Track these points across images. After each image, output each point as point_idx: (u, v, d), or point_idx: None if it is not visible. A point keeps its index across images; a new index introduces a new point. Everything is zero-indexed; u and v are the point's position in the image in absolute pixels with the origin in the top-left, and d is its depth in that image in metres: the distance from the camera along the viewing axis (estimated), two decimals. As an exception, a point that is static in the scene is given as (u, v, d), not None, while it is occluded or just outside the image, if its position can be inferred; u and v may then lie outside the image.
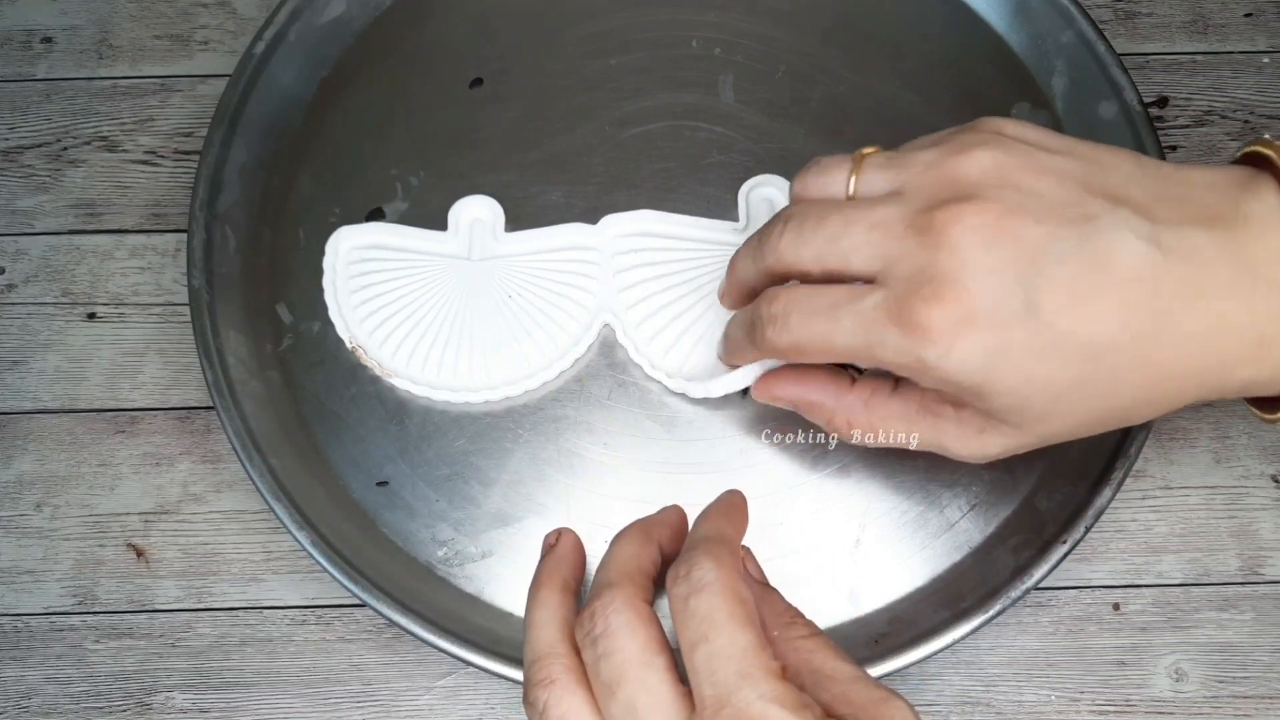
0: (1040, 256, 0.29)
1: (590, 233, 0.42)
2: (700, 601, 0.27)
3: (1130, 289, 0.29)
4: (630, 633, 0.28)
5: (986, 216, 0.29)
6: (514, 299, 0.41)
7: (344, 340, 0.41)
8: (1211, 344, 0.29)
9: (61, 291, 0.44)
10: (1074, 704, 0.39)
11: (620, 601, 0.28)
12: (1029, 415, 0.30)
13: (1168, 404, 0.31)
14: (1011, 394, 0.30)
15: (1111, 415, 0.31)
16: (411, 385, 0.40)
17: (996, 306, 0.29)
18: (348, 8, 0.45)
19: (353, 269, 0.41)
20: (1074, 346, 0.29)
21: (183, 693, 0.39)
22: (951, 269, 0.29)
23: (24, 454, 0.42)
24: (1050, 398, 0.30)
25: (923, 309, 0.29)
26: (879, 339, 0.30)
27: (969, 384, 0.30)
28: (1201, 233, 0.29)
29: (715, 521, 0.32)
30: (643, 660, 0.27)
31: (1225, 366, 0.29)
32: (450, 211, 0.42)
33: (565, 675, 0.29)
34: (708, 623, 0.27)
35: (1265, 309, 0.29)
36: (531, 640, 0.30)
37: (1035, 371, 0.29)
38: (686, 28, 0.45)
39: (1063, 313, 0.29)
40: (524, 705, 0.29)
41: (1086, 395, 0.30)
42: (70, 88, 0.48)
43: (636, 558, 0.31)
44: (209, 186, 0.42)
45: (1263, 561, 0.41)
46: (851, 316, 0.30)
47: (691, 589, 0.28)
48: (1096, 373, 0.29)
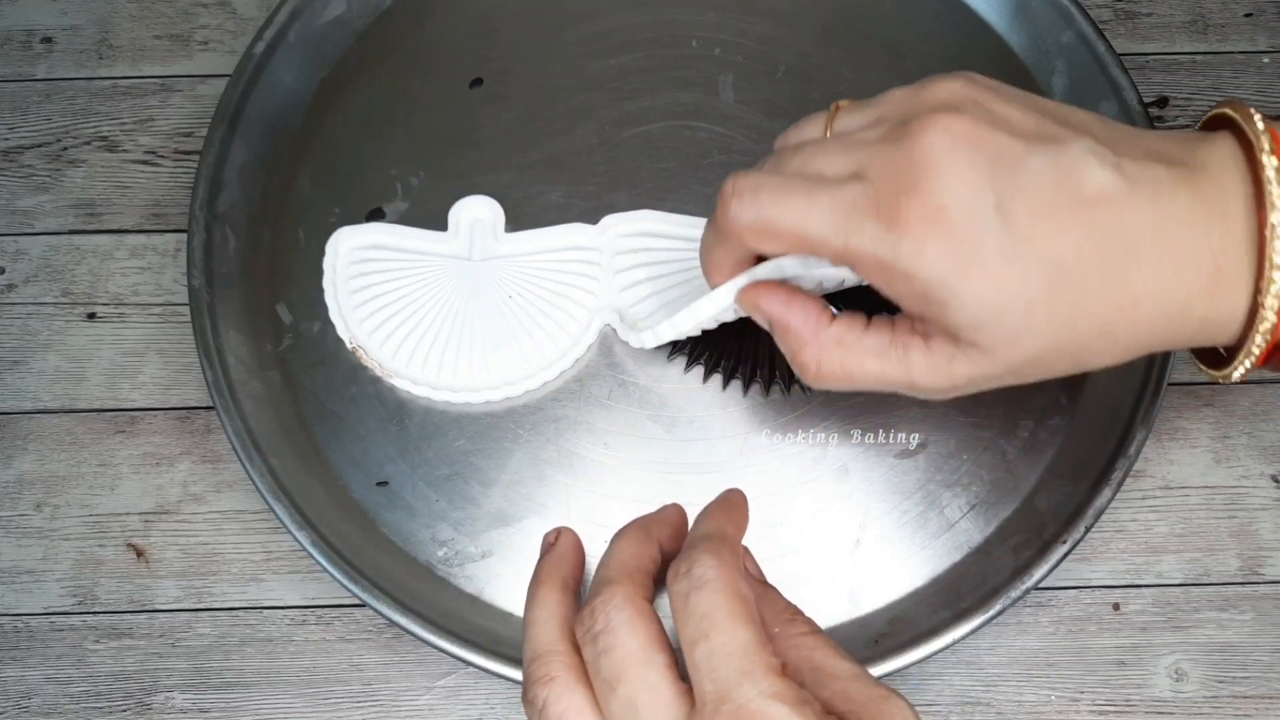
0: (1012, 165, 0.29)
1: (591, 233, 0.42)
2: (701, 599, 0.27)
3: (1096, 211, 0.29)
4: (631, 630, 0.28)
5: (960, 124, 0.29)
6: (514, 299, 0.41)
7: (344, 341, 0.41)
8: (1172, 274, 0.29)
9: (61, 291, 0.44)
10: (1074, 704, 0.39)
11: (621, 598, 0.29)
12: (998, 335, 0.30)
13: (1128, 339, 0.30)
14: (980, 305, 0.29)
15: (1075, 344, 0.30)
16: (412, 385, 0.40)
17: (970, 206, 0.29)
18: (348, 8, 0.45)
19: (353, 269, 0.41)
20: (1043, 256, 0.29)
21: (183, 693, 0.39)
22: (928, 164, 0.29)
23: (24, 454, 0.42)
24: (1020, 312, 0.29)
25: (901, 199, 0.29)
26: (857, 226, 0.29)
27: (938, 287, 0.29)
28: (1161, 168, 0.29)
29: (716, 520, 0.32)
30: (643, 657, 0.27)
31: (1183, 299, 0.30)
32: (450, 212, 0.42)
33: (565, 673, 0.29)
34: (709, 620, 0.27)
35: (1220, 241, 0.29)
36: (531, 638, 0.30)
37: (1005, 280, 0.29)
38: (686, 28, 0.45)
39: (1032, 221, 0.29)
40: (523, 703, 0.29)
41: (1053, 316, 0.30)
42: (70, 88, 0.48)
43: (637, 556, 0.31)
44: (209, 186, 0.42)
45: (1263, 561, 0.41)
46: (830, 200, 0.30)
47: (692, 586, 0.28)
48: (1064, 289, 0.29)
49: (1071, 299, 0.29)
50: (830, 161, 0.31)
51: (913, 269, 0.29)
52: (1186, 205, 0.29)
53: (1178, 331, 0.30)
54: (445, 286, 0.41)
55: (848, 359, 0.32)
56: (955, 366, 0.31)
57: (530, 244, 0.42)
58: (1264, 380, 0.43)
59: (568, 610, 0.31)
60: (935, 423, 0.40)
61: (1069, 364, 0.31)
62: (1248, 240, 0.29)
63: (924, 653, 0.36)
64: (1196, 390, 0.43)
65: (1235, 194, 0.29)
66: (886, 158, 0.30)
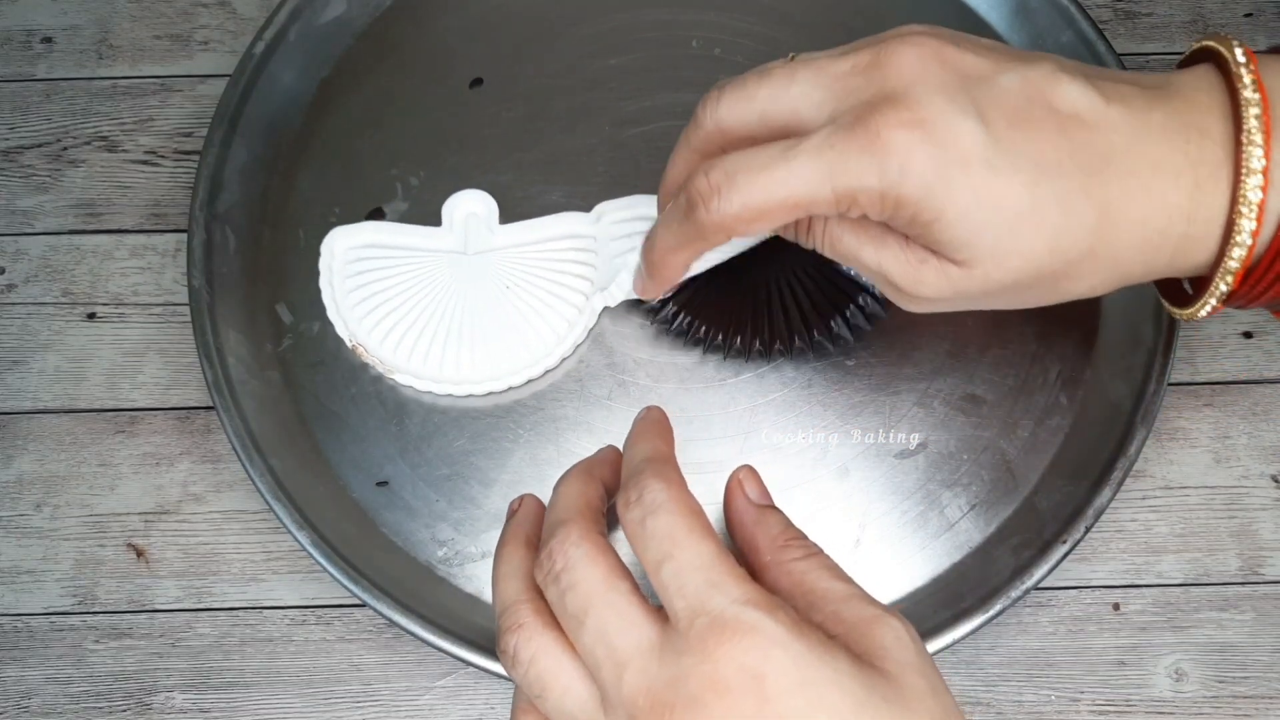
0: (983, 80, 0.29)
1: (585, 221, 0.42)
2: (658, 521, 0.27)
3: (1072, 125, 0.29)
4: (590, 562, 0.28)
5: (930, 46, 0.30)
6: (512, 289, 0.41)
7: (344, 339, 0.41)
8: (1151, 187, 0.29)
9: (61, 291, 0.44)
10: (1074, 704, 0.39)
11: (576, 535, 0.28)
12: (983, 250, 0.29)
13: (1110, 263, 0.30)
14: (965, 218, 0.29)
15: (1059, 265, 0.30)
16: (414, 380, 0.40)
17: (949, 116, 0.29)
18: (348, 8, 0.45)
19: (349, 269, 0.41)
20: (1025, 162, 0.29)
21: (183, 693, 0.39)
22: (901, 86, 0.29)
23: (24, 454, 0.42)
24: (1005, 224, 0.29)
25: (879, 120, 0.29)
26: (840, 163, 0.29)
27: (925, 203, 0.29)
28: (1133, 88, 0.30)
29: (649, 442, 0.31)
30: (607, 585, 0.27)
31: (1163, 217, 0.29)
32: (444, 207, 0.42)
33: (532, 618, 0.29)
34: (669, 540, 0.27)
35: (1198, 153, 0.29)
36: (498, 594, 0.30)
37: (990, 187, 0.29)
38: (686, 28, 0.45)
39: (1012, 130, 0.29)
40: (499, 657, 0.29)
41: (1038, 228, 0.29)
42: (70, 88, 0.48)
43: (583, 494, 0.31)
44: (209, 186, 0.42)
45: (1263, 561, 0.41)
46: (805, 153, 0.29)
47: (646, 511, 0.28)
48: (1048, 200, 0.29)
49: (1055, 208, 0.29)
50: (805, 93, 0.30)
51: (903, 191, 0.29)
52: (1161, 120, 0.29)
53: (1157, 252, 0.30)
54: (442, 280, 0.41)
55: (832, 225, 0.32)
56: (926, 270, 0.31)
57: (525, 235, 0.42)
58: (1264, 380, 0.43)
59: (532, 564, 0.30)
60: (935, 423, 0.40)
61: (1048, 288, 0.31)
62: (1225, 153, 0.29)
63: (924, 653, 0.36)
64: (1196, 390, 0.43)
65: (1211, 110, 0.29)
66: (858, 87, 0.30)
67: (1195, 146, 0.29)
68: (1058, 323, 0.41)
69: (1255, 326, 0.43)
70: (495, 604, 0.30)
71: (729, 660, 0.25)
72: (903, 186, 0.29)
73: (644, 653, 0.26)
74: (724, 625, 0.25)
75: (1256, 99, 0.28)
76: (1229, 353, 0.43)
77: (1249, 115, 0.28)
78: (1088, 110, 0.29)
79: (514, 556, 0.31)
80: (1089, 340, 0.41)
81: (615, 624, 0.27)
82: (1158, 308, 0.40)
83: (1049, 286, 0.31)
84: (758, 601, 0.26)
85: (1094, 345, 0.41)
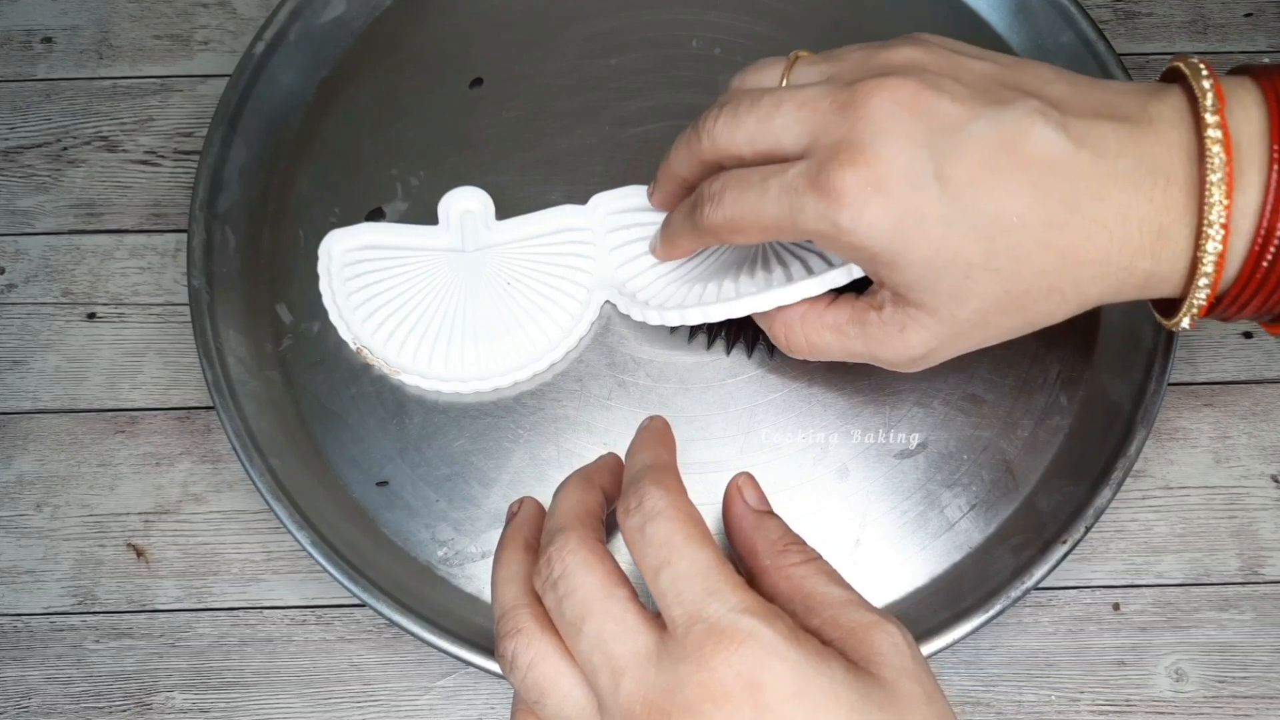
0: (952, 130, 0.30)
1: (581, 213, 0.42)
2: (656, 528, 0.28)
3: (1039, 171, 0.29)
4: (588, 569, 0.28)
5: (904, 90, 0.30)
6: (513, 285, 0.41)
7: (348, 342, 0.41)
8: (1115, 232, 0.30)
9: (61, 291, 0.44)
10: (1074, 704, 0.39)
11: (574, 542, 0.29)
12: (941, 294, 0.31)
13: (1075, 296, 0.31)
14: (922, 264, 0.30)
15: (1022, 304, 0.31)
16: (421, 380, 0.40)
17: (907, 173, 0.30)
18: (348, 8, 0.45)
19: (348, 271, 0.41)
20: (982, 219, 0.30)
21: (183, 693, 0.39)
22: (866, 136, 0.30)
23: (24, 454, 0.42)
24: (960, 273, 0.30)
25: (837, 173, 0.30)
26: (799, 205, 0.31)
27: (879, 250, 0.30)
28: (1108, 126, 0.30)
29: (651, 450, 0.32)
30: (604, 593, 0.27)
31: (1127, 256, 0.30)
32: (439, 205, 0.42)
33: (530, 623, 0.29)
34: (667, 547, 0.27)
35: (1163, 200, 0.29)
36: (497, 599, 0.30)
37: (944, 242, 0.30)
38: (686, 28, 0.45)
39: (972, 185, 0.29)
40: (498, 661, 0.29)
41: (994, 275, 0.30)
42: (70, 88, 0.48)
43: (582, 502, 0.31)
44: (209, 186, 0.42)
45: (1263, 561, 0.41)
46: (777, 186, 0.31)
47: (645, 518, 0.28)
48: (1004, 250, 0.30)
49: (1012, 258, 0.30)
50: (786, 126, 0.32)
51: (855, 238, 0.30)
52: (1130, 165, 0.29)
53: (1124, 285, 0.31)
54: (443, 279, 0.41)
55: (810, 333, 0.35)
56: (909, 335, 0.32)
57: (522, 230, 0.42)
58: (1264, 380, 0.43)
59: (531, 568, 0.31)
60: (935, 423, 0.40)
61: (1018, 322, 0.32)
62: (1188, 199, 0.29)
63: (924, 653, 0.36)
64: (1196, 390, 0.43)
65: (1179, 152, 0.29)
66: (832, 127, 0.31)
67: (1161, 193, 0.29)
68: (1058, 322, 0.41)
69: (1255, 326, 0.43)
70: (494, 608, 0.30)
71: (726, 668, 0.25)
72: (855, 235, 0.30)
73: (641, 660, 0.26)
74: (721, 632, 0.26)
75: (1220, 151, 0.28)
76: (1229, 353, 0.43)
77: (1213, 167, 0.29)
78: (1057, 156, 0.29)
79: (513, 560, 0.31)
80: (1089, 340, 0.41)
81: (612, 631, 0.27)
82: (1158, 308, 0.40)
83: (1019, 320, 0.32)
84: (755, 609, 0.26)
85: (1094, 345, 0.41)
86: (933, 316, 0.32)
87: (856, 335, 0.34)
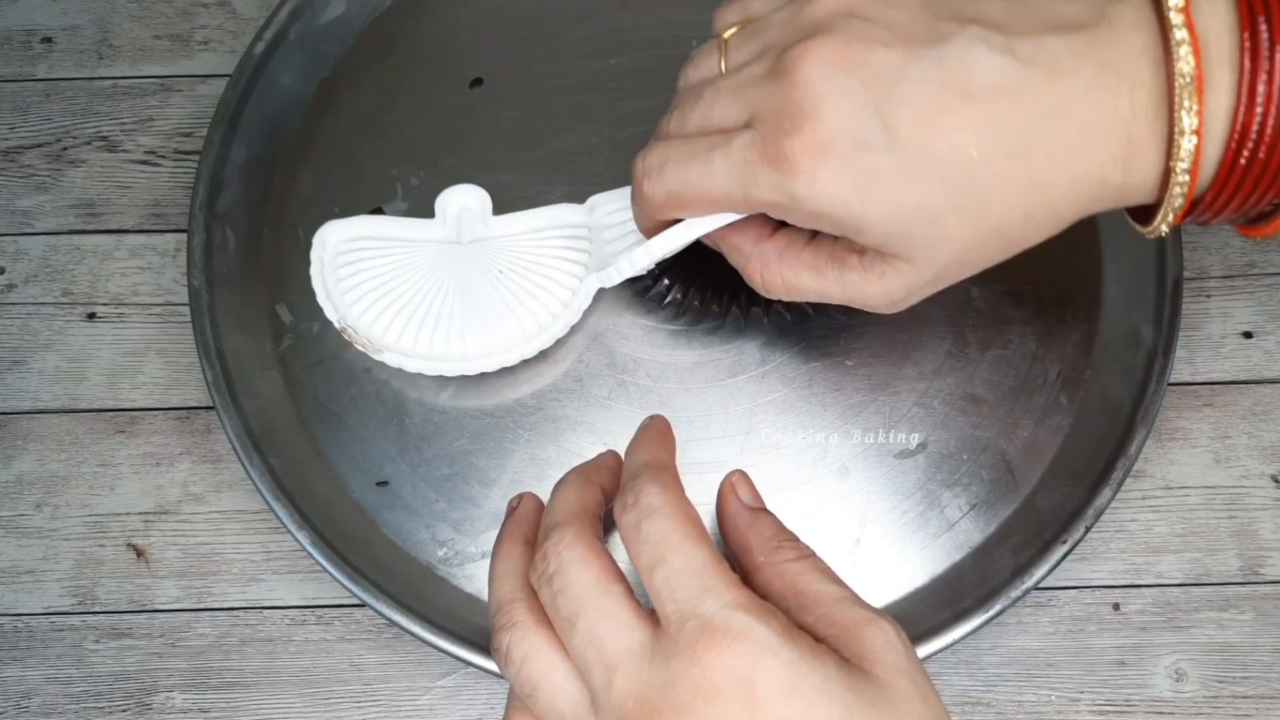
0: (892, 79, 0.29)
1: (578, 212, 0.42)
2: (652, 526, 0.28)
3: (990, 103, 0.28)
4: (584, 565, 0.28)
5: (832, 47, 0.29)
6: (505, 274, 0.41)
7: (333, 323, 0.40)
8: (1080, 149, 0.29)
9: (61, 291, 0.45)
10: (1074, 704, 0.39)
11: (571, 537, 0.29)
12: (915, 244, 0.30)
13: (1050, 218, 0.30)
14: (888, 221, 0.29)
15: (997, 236, 0.30)
16: (404, 361, 0.39)
17: (852, 132, 0.29)
18: (348, 8, 0.45)
19: (340, 260, 0.41)
20: (939, 164, 0.29)
21: (183, 693, 0.39)
22: (805, 101, 0.29)
23: (24, 454, 0.42)
24: (928, 222, 0.29)
25: (785, 142, 0.29)
26: (752, 178, 0.30)
27: (843, 216, 0.29)
28: (1059, 39, 0.28)
29: (650, 449, 0.32)
30: (600, 589, 0.27)
31: (1097, 171, 0.29)
32: (437, 201, 0.42)
33: (526, 617, 0.29)
34: (663, 544, 0.27)
35: (1130, 108, 0.28)
36: (494, 592, 0.30)
37: (904, 195, 0.29)
38: (686, 28, 0.45)
39: (922, 131, 0.28)
40: (493, 655, 0.29)
41: (964, 216, 0.29)
42: (70, 88, 0.48)
43: (580, 499, 0.31)
44: (209, 186, 0.42)
45: (1263, 561, 0.41)
46: (724, 158, 0.31)
47: (642, 515, 0.28)
48: (968, 191, 0.29)
49: (977, 198, 0.29)
50: (726, 111, 0.31)
51: (813, 205, 0.29)
52: (1091, 76, 0.28)
53: (1097, 200, 0.30)
54: (434, 266, 0.41)
55: (787, 272, 0.33)
56: (888, 281, 0.32)
57: (518, 225, 0.42)
58: (1264, 380, 0.43)
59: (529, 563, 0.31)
60: (935, 423, 0.40)
61: (998, 251, 0.31)
62: (1157, 104, 0.28)
63: (924, 653, 0.36)
64: (1196, 390, 0.43)
65: (1142, 56, 0.28)
66: (770, 98, 0.30)
67: (1127, 100, 0.28)
68: (1058, 323, 0.41)
69: (1255, 326, 0.43)
70: (490, 601, 0.30)
71: (718, 665, 0.25)
72: (813, 203, 0.29)
73: (635, 656, 0.26)
74: (714, 630, 0.26)
75: (1188, 53, 0.27)
76: (1229, 353, 0.43)
77: (1181, 70, 0.27)
78: (1008, 82, 0.28)
79: (511, 555, 0.31)
80: (1089, 340, 0.41)
81: (606, 627, 0.27)
82: (1158, 307, 0.40)
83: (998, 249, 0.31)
84: (749, 606, 0.26)
85: (1094, 345, 0.41)
86: (911, 264, 0.31)
87: (835, 279, 0.33)
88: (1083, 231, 0.42)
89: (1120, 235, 0.42)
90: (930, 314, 0.41)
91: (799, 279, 0.33)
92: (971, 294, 0.42)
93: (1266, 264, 0.44)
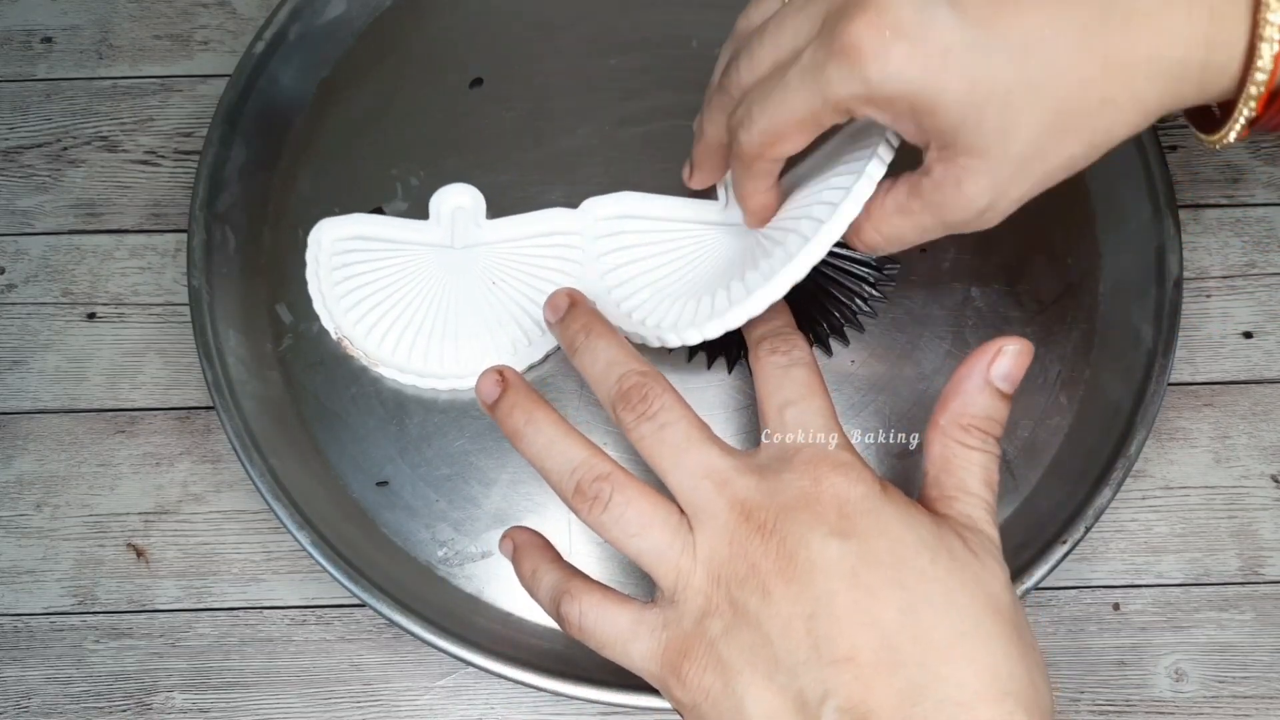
0: None
1: (571, 217, 0.42)
2: (800, 372, 0.33)
3: None
4: (683, 404, 0.32)
5: None
6: (498, 285, 0.41)
7: (329, 331, 0.40)
8: (1160, 22, 0.28)
9: (61, 291, 0.45)
10: (1074, 704, 0.39)
11: (664, 383, 0.32)
12: (987, 131, 0.29)
13: (1132, 103, 0.29)
14: (961, 101, 0.29)
15: (1075, 121, 0.29)
16: (399, 375, 0.40)
17: (919, 9, 0.28)
18: (348, 8, 0.45)
19: (335, 260, 0.41)
20: (1009, 38, 0.28)
21: (183, 693, 0.39)
22: None
23: (24, 454, 0.42)
24: (1000, 101, 0.29)
25: (849, 29, 0.29)
26: (824, 79, 0.30)
27: (916, 95, 0.29)
28: None
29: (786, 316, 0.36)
30: (700, 424, 0.31)
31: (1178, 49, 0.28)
32: (431, 200, 0.42)
33: (613, 466, 0.31)
34: (807, 388, 0.33)
35: None
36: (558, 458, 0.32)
37: (977, 70, 0.28)
38: (686, 28, 0.45)
39: (990, 7, 0.28)
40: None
41: (1036, 95, 0.29)
42: (70, 88, 0.48)
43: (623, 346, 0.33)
44: (209, 186, 0.42)
45: (1263, 561, 0.41)
46: (796, 73, 0.31)
47: (793, 362, 0.33)
48: (1040, 65, 0.28)
49: (1051, 72, 0.28)
50: (796, 31, 0.31)
51: (887, 88, 0.29)
52: None
53: (1181, 83, 0.29)
54: (429, 275, 0.41)
55: (881, 224, 0.34)
56: (965, 187, 0.31)
57: (511, 230, 0.42)
58: (1264, 380, 0.43)
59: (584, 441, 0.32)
60: (935, 423, 0.40)
61: (1079, 147, 0.30)
62: None
63: (924, 653, 0.36)
64: (1196, 390, 0.43)
65: None
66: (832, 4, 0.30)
67: None
68: (1057, 323, 0.41)
69: (1255, 326, 0.43)
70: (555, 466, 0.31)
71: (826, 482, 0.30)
72: (886, 86, 0.29)
73: (739, 472, 0.30)
74: (827, 458, 0.30)
75: None
76: (1229, 353, 0.43)
77: None
78: None
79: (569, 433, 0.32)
80: (1089, 340, 0.41)
81: (718, 450, 0.31)
82: (1158, 307, 0.40)
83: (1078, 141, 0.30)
84: (850, 449, 0.31)
85: (1094, 345, 0.41)
86: (984, 159, 0.30)
87: (920, 208, 0.32)
88: (1083, 232, 0.43)
89: (1120, 235, 0.42)
90: (930, 314, 0.41)
91: (892, 225, 0.33)
92: (971, 294, 0.42)
93: (1266, 264, 0.44)
